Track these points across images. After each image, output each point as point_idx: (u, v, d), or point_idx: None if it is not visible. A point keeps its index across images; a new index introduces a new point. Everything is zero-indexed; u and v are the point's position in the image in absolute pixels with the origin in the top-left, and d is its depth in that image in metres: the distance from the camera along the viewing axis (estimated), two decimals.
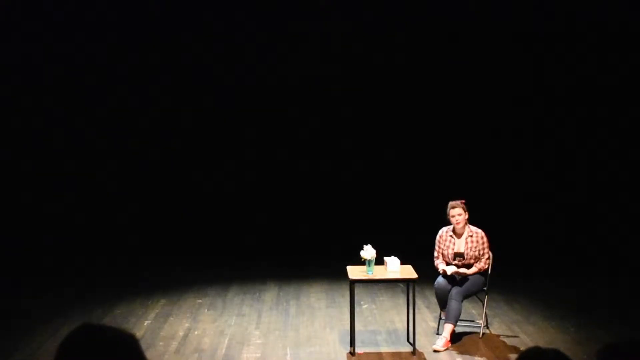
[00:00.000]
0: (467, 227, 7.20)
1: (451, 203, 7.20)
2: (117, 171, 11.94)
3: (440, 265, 7.22)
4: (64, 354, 1.89)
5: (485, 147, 12.01)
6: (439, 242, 7.29)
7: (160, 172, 12.06)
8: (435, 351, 6.89)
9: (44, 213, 11.51)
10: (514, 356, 6.61)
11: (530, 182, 11.96)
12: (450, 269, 7.07)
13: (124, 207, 11.89)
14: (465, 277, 7.11)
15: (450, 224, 7.25)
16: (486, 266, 7.20)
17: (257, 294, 9.22)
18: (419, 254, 7.76)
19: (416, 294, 7.04)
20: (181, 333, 7.60)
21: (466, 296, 7.16)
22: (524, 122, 12.00)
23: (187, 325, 7.89)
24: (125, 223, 11.75)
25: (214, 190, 12.10)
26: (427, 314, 8.17)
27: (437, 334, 7.30)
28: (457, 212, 7.13)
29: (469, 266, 7.15)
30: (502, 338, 7.32)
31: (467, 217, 7.17)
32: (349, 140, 12.11)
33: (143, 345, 6.95)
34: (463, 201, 7.22)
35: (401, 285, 8.65)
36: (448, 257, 7.20)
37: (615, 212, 11.48)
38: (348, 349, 6.94)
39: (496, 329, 7.60)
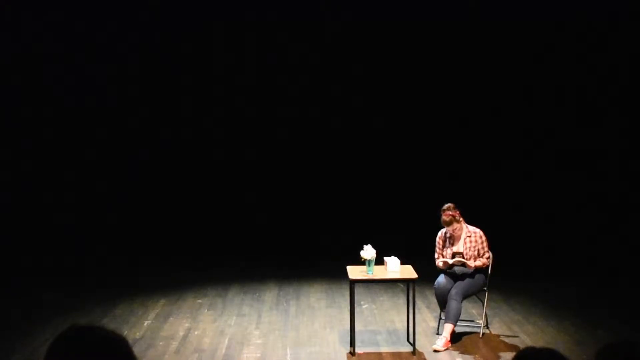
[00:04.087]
0: (465, 227, 7.19)
1: (444, 219, 7.07)
2: (117, 171, 11.93)
3: (441, 260, 7.18)
4: (53, 356, 1.88)
5: (485, 147, 12.00)
6: (439, 243, 7.28)
7: (161, 171, 12.06)
8: (435, 351, 6.89)
9: (43, 213, 11.51)
10: (513, 356, 6.59)
11: (531, 182, 11.96)
12: (451, 260, 7.06)
13: (124, 207, 11.89)
14: (465, 272, 7.09)
15: None
16: (488, 262, 7.19)
17: (257, 294, 9.22)
18: (419, 254, 7.76)
19: (416, 294, 7.03)
20: (181, 333, 7.60)
21: (466, 296, 7.15)
22: (523, 122, 11.99)
23: (187, 325, 7.89)
24: (125, 223, 11.74)
25: (214, 190, 12.10)
26: (427, 314, 8.17)
27: (437, 334, 7.29)
28: (452, 228, 7.11)
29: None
30: (502, 338, 7.32)
31: (462, 220, 7.15)
32: (349, 139, 12.11)
33: (143, 345, 6.96)
34: (452, 211, 7.13)
35: (401, 285, 8.64)
36: (448, 257, 7.19)
37: (615, 212, 11.48)
38: (348, 349, 6.94)
39: (496, 329, 7.60)
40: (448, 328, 7.00)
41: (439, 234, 7.29)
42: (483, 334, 7.34)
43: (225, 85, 12.07)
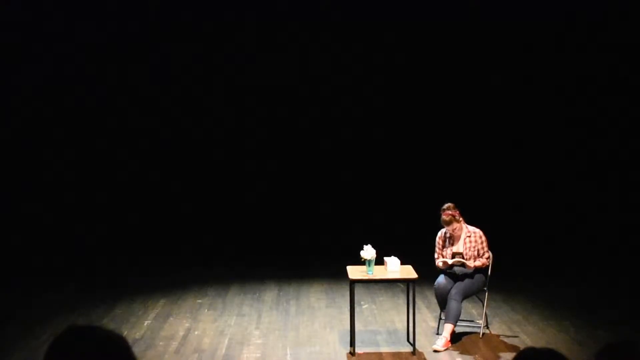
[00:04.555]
0: (464, 227, 7.19)
1: (443, 218, 7.08)
2: (117, 171, 11.92)
3: (441, 260, 7.18)
4: (52, 356, 1.88)
5: (485, 147, 12.00)
6: (439, 243, 7.28)
7: (161, 172, 12.06)
8: (435, 351, 6.89)
9: (44, 212, 11.50)
10: (513, 356, 6.58)
11: (531, 182, 11.96)
12: (451, 260, 7.07)
13: (124, 207, 11.89)
14: (465, 272, 7.10)
15: None
16: (487, 262, 7.19)
17: (257, 294, 9.22)
18: (419, 254, 7.75)
19: (416, 294, 7.03)
20: (181, 333, 7.60)
21: (466, 296, 7.15)
22: (522, 122, 11.99)
23: (187, 325, 7.89)
24: (125, 223, 11.74)
25: (214, 190, 12.10)
26: (427, 314, 8.16)
27: (437, 334, 7.29)
28: (451, 228, 7.11)
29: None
30: (502, 338, 7.32)
31: (461, 220, 7.15)
32: (349, 139, 12.12)
33: (143, 345, 6.96)
34: (452, 211, 7.13)
35: (401, 285, 8.64)
36: (447, 257, 7.19)
37: (616, 212, 11.49)
38: (348, 349, 6.94)
39: (496, 329, 7.59)
40: (448, 328, 7.00)
41: (439, 233, 7.29)
42: (483, 334, 7.34)
43: (226, 85, 12.07)
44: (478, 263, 7.08)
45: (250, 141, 12.21)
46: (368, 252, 6.86)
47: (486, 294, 7.33)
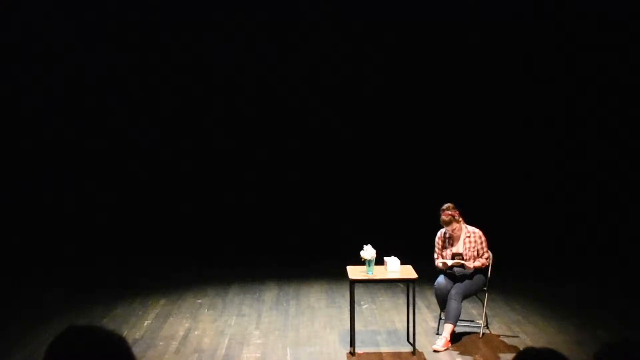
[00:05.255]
0: (464, 227, 7.19)
1: (443, 219, 7.09)
2: (118, 171, 11.93)
3: (440, 261, 7.19)
4: (52, 356, 1.88)
5: (485, 147, 12.00)
6: (438, 243, 7.29)
7: (161, 172, 12.06)
8: (435, 351, 6.89)
9: (44, 212, 11.50)
10: (513, 356, 6.58)
11: (531, 182, 11.96)
12: (451, 261, 7.08)
13: (125, 207, 11.89)
14: (464, 273, 7.10)
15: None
16: (487, 262, 7.19)
17: (257, 294, 9.22)
18: (419, 254, 7.76)
19: (416, 294, 7.03)
20: (181, 333, 7.60)
21: (466, 296, 7.15)
22: (522, 120, 11.99)
23: (187, 325, 7.89)
24: (125, 223, 11.75)
25: (214, 190, 12.10)
26: (427, 314, 8.17)
27: (437, 334, 7.30)
28: (451, 228, 7.11)
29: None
30: (502, 338, 7.32)
31: (461, 221, 7.15)
32: (349, 139, 12.11)
33: (143, 345, 6.94)
34: (451, 211, 7.13)
35: (401, 285, 8.64)
36: (447, 258, 7.19)
37: (615, 212, 11.49)
38: (348, 349, 6.94)
39: (496, 329, 7.60)
40: (448, 328, 7.00)
41: (439, 234, 7.29)
42: (483, 334, 7.35)
43: (226, 85, 12.06)
44: (478, 263, 7.09)
45: (251, 141, 12.19)
46: (368, 252, 6.86)
47: (486, 294, 7.33)
